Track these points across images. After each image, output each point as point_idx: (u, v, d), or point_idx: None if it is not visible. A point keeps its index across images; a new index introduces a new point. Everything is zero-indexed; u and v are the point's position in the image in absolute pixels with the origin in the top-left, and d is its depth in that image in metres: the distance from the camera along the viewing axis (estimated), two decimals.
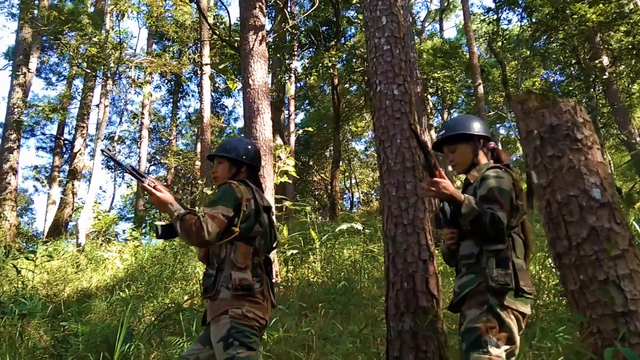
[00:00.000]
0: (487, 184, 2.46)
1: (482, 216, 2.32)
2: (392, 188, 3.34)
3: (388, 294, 3.24)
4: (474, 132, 2.68)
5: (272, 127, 8.66)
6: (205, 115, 15.44)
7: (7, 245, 6.65)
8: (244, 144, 3.10)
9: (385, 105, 3.58)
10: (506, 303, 2.29)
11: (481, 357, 2.21)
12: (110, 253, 10.28)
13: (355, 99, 25.14)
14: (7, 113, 14.59)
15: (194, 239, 2.62)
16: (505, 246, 2.39)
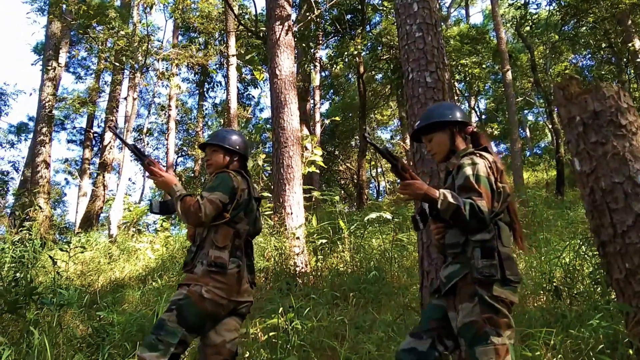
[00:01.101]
0: (463, 172, 2.44)
1: (460, 208, 2.30)
2: (426, 177, 3.31)
3: (422, 283, 3.22)
4: (448, 119, 2.67)
5: (299, 117, 8.67)
6: (232, 106, 15.49)
7: (43, 237, 6.80)
8: (237, 134, 3.30)
9: (418, 93, 3.55)
10: (495, 293, 2.28)
11: (487, 349, 2.20)
12: (141, 244, 10.43)
13: (381, 87, 25.00)
14: (38, 107, 14.83)
15: (192, 218, 2.84)
16: (491, 236, 2.36)
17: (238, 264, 2.91)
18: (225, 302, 2.83)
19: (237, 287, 2.89)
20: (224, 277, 2.83)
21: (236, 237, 2.96)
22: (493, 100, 32.47)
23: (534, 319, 4.03)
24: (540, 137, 36.31)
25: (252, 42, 18.15)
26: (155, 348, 2.66)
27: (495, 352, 2.19)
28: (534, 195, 12.32)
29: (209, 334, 2.86)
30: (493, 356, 2.19)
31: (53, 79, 15.21)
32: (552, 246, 6.49)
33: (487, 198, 2.36)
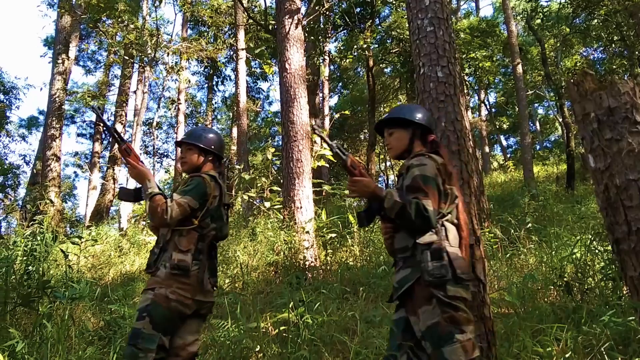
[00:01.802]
0: (411, 173, 2.47)
1: (406, 207, 2.33)
2: None
3: None
4: (415, 119, 2.70)
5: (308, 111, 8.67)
6: (242, 100, 15.50)
7: (54, 230, 6.83)
8: (213, 133, 3.29)
9: (429, 88, 3.53)
10: (450, 293, 2.29)
11: (454, 348, 2.22)
12: (151, 237, 10.47)
13: (390, 81, 24.92)
14: (49, 101, 14.90)
15: (157, 219, 2.85)
16: (438, 237, 2.38)
17: (199, 266, 2.94)
18: (190, 302, 2.87)
19: (200, 287, 2.92)
20: (187, 278, 2.88)
21: (200, 241, 2.98)
22: (503, 93, 32.31)
23: (544, 314, 4.02)
24: (551, 131, 36.13)
25: (261, 36, 18.12)
26: (136, 357, 2.71)
27: (463, 350, 2.22)
28: (544, 189, 12.28)
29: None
30: (462, 354, 2.22)
31: (63, 72, 15.26)
32: (562, 241, 6.47)
33: (433, 198, 2.39)
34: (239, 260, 7.84)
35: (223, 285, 6.87)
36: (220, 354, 4.21)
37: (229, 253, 8.38)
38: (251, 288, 6.79)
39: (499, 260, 6.33)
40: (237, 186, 11.84)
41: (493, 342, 3.07)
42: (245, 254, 7.96)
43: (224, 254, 8.43)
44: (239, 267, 7.45)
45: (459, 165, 3.29)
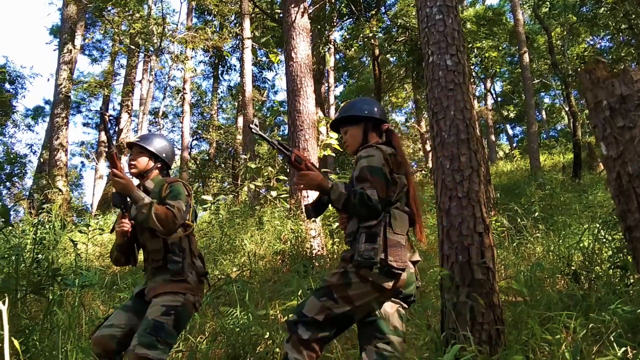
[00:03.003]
0: (359, 164, 2.58)
1: (350, 198, 2.46)
2: (446, 161, 3.30)
3: (442, 266, 3.23)
4: (364, 114, 2.81)
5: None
6: (247, 89, 15.48)
7: (63, 219, 6.89)
8: (166, 141, 3.37)
9: (438, 77, 3.52)
10: (362, 273, 2.42)
11: (314, 302, 2.44)
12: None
13: (396, 70, 24.84)
14: (55, 91, 14.92)
15: (167, 226, 2.87)
16: (377, 222, 2.48)
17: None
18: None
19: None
20: (201, 284, 3.12)
21: (190, 242, 3.17)
22: (509, 82, 32.18)
23: (552, 302, 4.03)
24: (557, 120, 35.99)
25: (267, 25, 18.05)
26: (156, 347, 2.77)
27: (318, 309, 2.41)
28: (551, 178, 12.25)
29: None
30: (314, 310, 2.41)
31: (69, 62, 15.27)
32: (570, 230, 6.46)
33: (379, 187, 2.49)
34: (246, 249, 7.88)
35: (231, 274, 6.90)
36: (230, 340, 4.24)
37: (236, 242, 8.43)
38: (259, 276, 6.82)
39: (505, 249, 6.34)
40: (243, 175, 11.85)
41: (502, 329, 3.09)
42: (253, 243, 7.99)
43: (231, 243, 8.48)
44: (247, 256, 7.49)
45: (468, 153, 3.29)
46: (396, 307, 2.58)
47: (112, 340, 2.99)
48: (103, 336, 3.01)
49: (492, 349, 2.92)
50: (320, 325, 2.42)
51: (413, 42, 16.13)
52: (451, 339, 3.00)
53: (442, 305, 3.21)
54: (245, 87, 15.59)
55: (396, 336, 2.51)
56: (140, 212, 2.92)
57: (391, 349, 2.47)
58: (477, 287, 3.05)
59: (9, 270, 4.09)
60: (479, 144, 3.48)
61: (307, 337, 2.39)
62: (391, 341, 2.48)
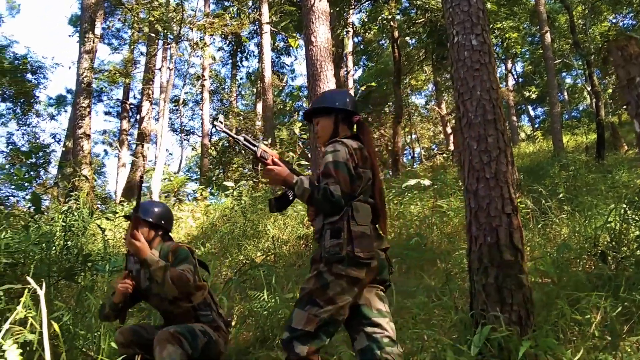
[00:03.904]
0: (324, 159, 2.61)
1: (314, 193, 2.52)
2: (473, 142, 3.28)
3: (471, 248, 3.22)
4: (335, 106, 2.83)
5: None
6: (267, 75, 15.46)
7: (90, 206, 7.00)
8: (161, 206, 3.55)
9: (464, 57, 3.49)
10: (334, 270, 2.46)
11: (300, 313, 2.46)
12: (183, 212, 10.63)
13: (415, 52, 24.60)
14: (77, 80, 15.04)
15: (181, 288, 3.09)
16: (339, 217, 2.53)
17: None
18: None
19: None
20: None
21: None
22: (530, 63, 31.71)
23: (580, 283, 4.00)
24: (579, 100, 35.39)
25: (285, 9, 17.96)
26: (196, 337, 3.08)
27: (306, 319, 2.44)
28: (574, 159, 12.09)
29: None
30: (302, 322, 2.44)
31: (90, 51, 15.37)
32: (596, 210, 6.39)
33: (343, 182, 2.54)
34: (269, 234, 7.93)
35: (255, 258, 6.96)
36: (259, 323, 4.30)
37: (259, 227, 8.48)
38: (283, 261, 6.87)
39: (530, 230, 6.30)
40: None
41: (531, 310, 3.08)
42: (276, 228, 8.04)
43: (254, 228, 8.54)
44: (270, 241, 7.54)
45: (495, 134, 3.26)
46: (374, 291, 2.65)
47: (135, 335, 3.17)
48: (132, 329, 3.21)
49: (522, 330, 2.91)
50: (314, 336, 2.45)
51: (432, 23, 15.95)
52: (480, 319, 3.00)
53: (471, 287, 3.21)
54: (264, 72, 15.57)
55: (381, 317, 2.58)
56: (156, 274, 3.06)
57: (380, 330, 2.54)
58: (506, 268, 3.04)
59: (42, 257, 4.17)
60: (505, 124, 3.45)
61: (305, 352, 2.45)
62: (378, 323, 2.55)
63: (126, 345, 3.13)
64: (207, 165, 23.23)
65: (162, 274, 3.05)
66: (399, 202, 7.98)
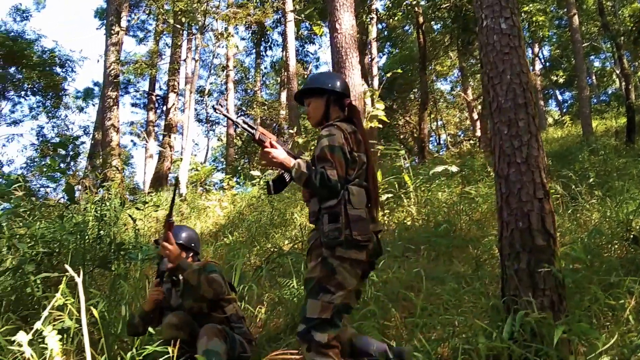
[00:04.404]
0: (320, 143, 2.65)
1: (311, 177, 2.55)
2: (504, 126, 3.24)
3: (502, 233, 3.19)
4: (327, 87, 2.87)
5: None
6: (291, 63, 15.47)
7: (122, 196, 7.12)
8: (190, 230, 3.76)
9: (493, 41, 3.44)
10: (337, 253, 2.51)
11: (314, 302, 2.51)
12: (210, 202, 10.74)
13: (440, 37, 24.34)
14: (104, 73, 15.25)
15: (217, 290, 3.26)
16: (337, 201, 2.56)
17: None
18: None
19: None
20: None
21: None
22: (557, 46, 31.17)
23: (613, 267, 3.96)
24: (607, 84, 34.71)
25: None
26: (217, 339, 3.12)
27: (320, 307, 2.49)
28: (604, 143, 11.90)
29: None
30: (317, 310, 2.49)
31: (116, 43, 15.56)
32: (627, 195, 6.29)
33: (339, 167, 2.58)
34: (296, 222, 7.97)
35: (283, 246, 7.01)
36: (288, 310, 4.34)
37: (286, 215, 8.54)
38: None
39: (560, 216, 6.23)
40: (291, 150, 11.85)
41: (563, 295, 3.05)
42: (303, 216, 8.08)
43: (281, 216, 8.60)
44: (298, 229, 7.59)
45: (526, 118, 3.22)
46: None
47: (188, 322, 3.29)
48: (186, 315, 3.34)
49: (554, 315, 2.89)
50: (330, 322, 2.51)
51: (457, 8, 15.75)
52: (512, 305, 2.99)
53: (502, 272, 3.19)
54: (288, 61, 15.58)
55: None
56: (190, 277, 3.17)
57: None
58: (538, 253, 3.02)
59: (77, 246, 4.26)
60: (536, 108, 3.41)
61: (325, 339, 2.50)
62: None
63: (179, 327, 3.22)
64: (232, 155, 23.40)
65: (197, 277, 3.16)
66: (426, 189, 7.94)
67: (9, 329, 3.06)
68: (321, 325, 2.50)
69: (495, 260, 4.94)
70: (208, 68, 21.04)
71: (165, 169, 18.26)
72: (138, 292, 4.33)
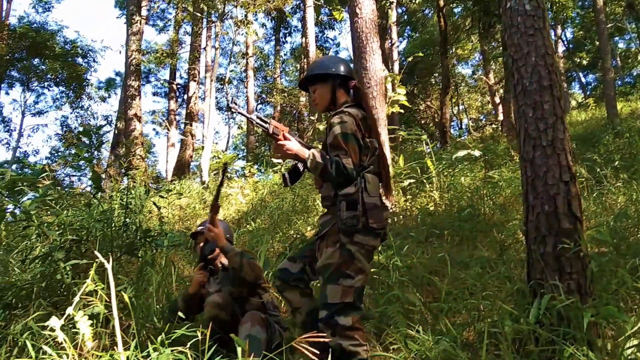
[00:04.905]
0: (332, 131, 2.67)
1: (327, 167, 2.58)
2: (529, 109, 3.21)
3: (528, 217, 3.17)
4: (331, 72, 2.88)
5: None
6: (311, 49, 15.41)
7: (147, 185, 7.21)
8: (227, 226, 3.91)
9: (517, 22, 3.40)
10: (356, 239, 2.58)
11: (335, 288, 2.56)
12: (232, 189, 10.81)
13: (461, 21, 24.04)
14: (126, 63, 15.35)
15: (256, 272, 3.40)
16: (355, 189, 2.60)
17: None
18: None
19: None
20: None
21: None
22: (581, 27, 30.61)
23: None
24: (632, 65, 34.02)
25: None
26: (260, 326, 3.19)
27: (342, 292, 2.55)
28: (629, 126, 11.70)
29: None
30: (339, 295, 2.55)
31: (137, 33, 15.63)
32: None
33: (354, 154, 2.62)
34: (318, 208, 7.99)
35: (305, 233, 7.04)
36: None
37: (308, 202, 8.56)
38: None
39: (585, 199, 6.16)
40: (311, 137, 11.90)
41: (590, 278, 3.03)
42: None
43: (303, 203, 8.62)
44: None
45: (551, 100, 3.18)
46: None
47: (231, 304, 3.38)
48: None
49: (581, 299, 2.88)
50: (353, 305, 2.58)
51: None
52: (538, 289, 2.97)
53: (528, 256, 3.18)
54: (308, 47, 15.52)
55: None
56: (233, 260, 3.27)
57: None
58: (564, 237, 2.99)
59: (104, 233, 4.33)
60: (561, 90, 3.37)
61: (350, 322, 2.56)
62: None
63: (222, 307, 3.31)
64: (253, 142, 23.48)
65: (240, 259, 3.27)
66: (448, 174, 7.89)
67: (40, 315, 3.13)
68: (344, 309, 2.55)
69: (519, 245, 4.91)
70: (228, 56, 21.10)
71: (187, 157, 18.39)
72: (165, 278, 4.39)
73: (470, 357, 2.83)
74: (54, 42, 22.81)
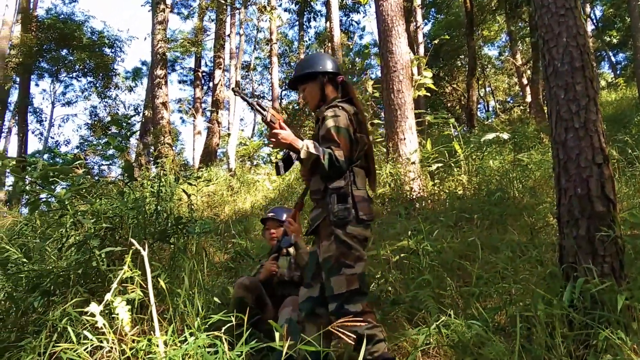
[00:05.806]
0: (325, 124, 2.72)
1: (319, 159, 2.61)
2: (560, 90, 3.16)
3: (560, 200, 3.14)
4: (318, 69, 2.95)
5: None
6: (335, 34, 15.34)
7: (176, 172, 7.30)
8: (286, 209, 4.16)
9: (548, 2, 3.34)
10: (349, 231, 2.64)
11: (339, 278, 2.61)
12: (259, 176, 10.88)
13: (487, 1, 23.65)
14: (152, 52, 15.48)
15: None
16: (345, 182, 2.68)
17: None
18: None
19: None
20: None
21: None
22: (611, 5, 29.85)
23: None
24: None
25: None
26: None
27: (346, 281, 2.60)
28: None
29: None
30: (344, 285, 2.60)
31: (162, 22, 15.73)
32: None
33: (345, 148, 2.67)
34: None
35: None
36: None
37: None
38: None
39: (618, 181, 6.06)
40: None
41: (624, 261, 3.00)
42: None
43: None
44: None
45: (584, 82, 3.13)
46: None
47: (258, 286, 3.59)
48: (257, 280, 3.64)
49: (615, 282, 2.85)
50: (360, 291, 2.65)
51: None
52: (571, 272, 2.95)
53: (560, 240, 3.15)
54: (333, 32, 15.45)
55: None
56: (302, 258, 3.51)
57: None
58: (597, 220, 2.96)
59: (137, 221, 4.40)
60: (593, 71, 3.31)
61: (360, 308, 2.63)
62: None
63: (248, 289, 3.48)
64: None
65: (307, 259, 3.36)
66: (477, 157, 7.82)
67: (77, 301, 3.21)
68: (351, 297, 2.62)
69: (550, 228, 4.86)
70: (252, 42, 21.11)
71: (214, 144, 18.52)
72: (197, 265, 4.46)
73: (502, 341, 2.83)
74: (81, 32, 23.09)
